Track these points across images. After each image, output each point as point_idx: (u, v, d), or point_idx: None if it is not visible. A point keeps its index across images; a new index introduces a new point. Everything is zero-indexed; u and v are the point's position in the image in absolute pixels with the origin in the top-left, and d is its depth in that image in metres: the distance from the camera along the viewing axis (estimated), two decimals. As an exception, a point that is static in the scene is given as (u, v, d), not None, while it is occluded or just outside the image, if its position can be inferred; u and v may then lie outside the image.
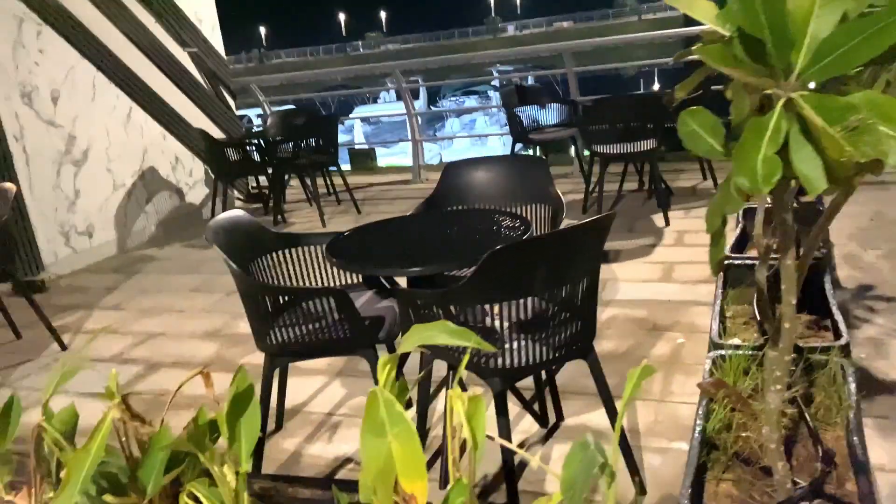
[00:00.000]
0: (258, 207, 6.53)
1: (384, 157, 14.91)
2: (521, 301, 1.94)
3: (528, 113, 5.99)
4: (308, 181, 6.13)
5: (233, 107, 6.78)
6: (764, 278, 2.28)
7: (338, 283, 2.50)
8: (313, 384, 3.00)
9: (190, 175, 6.17)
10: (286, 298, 2.23)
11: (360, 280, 2.59)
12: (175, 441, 1.19)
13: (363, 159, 11.57)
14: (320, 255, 2.51)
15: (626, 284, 3.77)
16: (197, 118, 6.22)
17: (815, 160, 0.95)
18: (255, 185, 6.88)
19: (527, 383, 2.64)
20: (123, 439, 1.19)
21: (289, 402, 2.79)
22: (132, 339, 3.72)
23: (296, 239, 2.49)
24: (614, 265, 4.08)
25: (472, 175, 2.89)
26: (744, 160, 1.00)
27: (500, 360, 1.91)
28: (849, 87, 1.03)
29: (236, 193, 6.71)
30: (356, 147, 14.15)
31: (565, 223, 2.30)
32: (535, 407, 2.57)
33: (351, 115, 18.72)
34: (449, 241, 2.35)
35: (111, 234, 5.35)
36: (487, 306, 1.99)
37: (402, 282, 2.38)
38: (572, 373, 2.80)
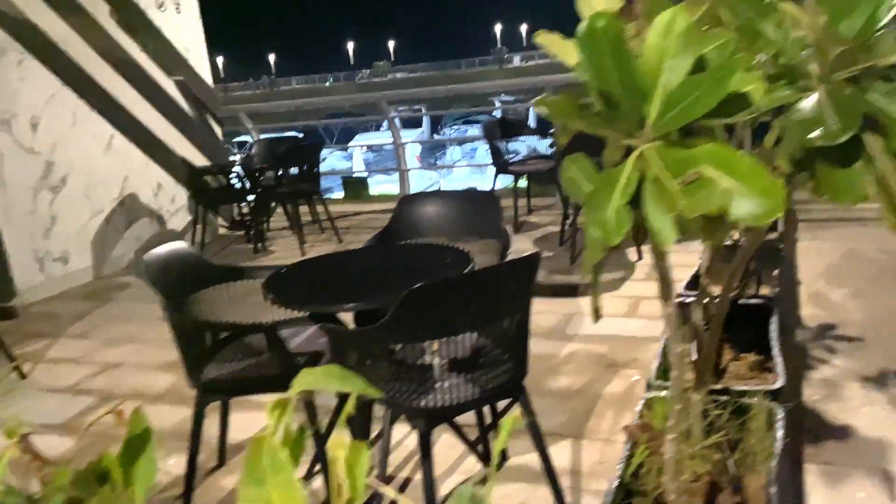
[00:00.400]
0: (241, 235, 6.53)
1: (382, 185, 14.97)
2: (447, 340, 1.91)
3: (510, 145, 6.02)
4: (295, 209, 6.14)
5: (219, 134, 6.83)
6: (700, 318, 2.25)
7: (283, 317, 2.48)
8: (264, 418, 2.96)
9: (172, 202, 6.19)
10: (216, 334, 2.21)
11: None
12: (64, 484, 1.17)
13: (356, 187, 11.62)
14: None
15: (589, 319, 3.72)
16: (181, 145, 6.26)
17: (665, 212, 0.93)
18: (241, 212, 6.89)
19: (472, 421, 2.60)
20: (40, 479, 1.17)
21: (236, 437, 2.75)
22: (92, 369, 3.69)
23: (239, 272, 2.48)
24: (581, 299, 4.05)
25: (425, 209, 2.88)
26: (596, 211, 0.98)
27: (425, 401, 1.88)
28: (696, 139, 1.02)
29: (220, 220, 6.72)
30: (352, 175, 14.20)
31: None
32: (479, 446, 2.53)
33: (339, 144, 18.70)
34: (389, 277, 2.33)
35: (87, 260, 5.36)
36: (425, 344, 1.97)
37: (353, 316, 2.36)
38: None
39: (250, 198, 6.04)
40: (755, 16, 1.30)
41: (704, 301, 2.79)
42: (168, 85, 6.19)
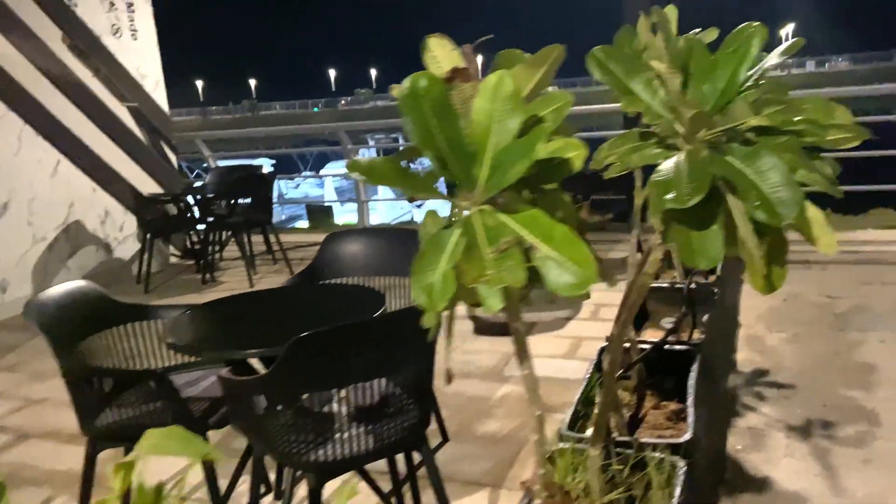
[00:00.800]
0: (192, 264, 6.42)
1: (352, 214, 14.84)
2: (350, 389, 1.85)
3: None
4: (244, 239, 6.06)
5: (173, 161, 6.74)
6: (609, 366, 2.21)
7: (182, 361, 2.39)
8: (177, 463, 2.86)
9: (120, 230, 6.08)
10: (104, 380, 2.12)
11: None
12: None
13: (321, 216, 11.55)
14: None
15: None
16: (133, 172, 6.17)
17: (471, 281, 0.89)
18: (192, 241, 6.78)
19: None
20: None
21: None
22: (14, 405, 3.56)
23: (145, 311, 2.40)
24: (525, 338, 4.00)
25: (350, 246, 2.84)
26: (422, 275, 0.94)
27: (314, 455, 1.81)
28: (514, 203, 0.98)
29: (172, 249, 6.62)
30: (322, 203, 14.11)
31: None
32: (393, 498, 2.44)
33: (305, 173, 18.52)
34: (295, 320, 2.26)
35: (27, 289, 5.21)
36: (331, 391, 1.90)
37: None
38: (446, 458, 2.70)
39: (200, 227, 5.95)
40: (624, 73, 1.29)
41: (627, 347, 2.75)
42: (120, 111, 6.11)
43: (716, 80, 1.21)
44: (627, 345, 2.70)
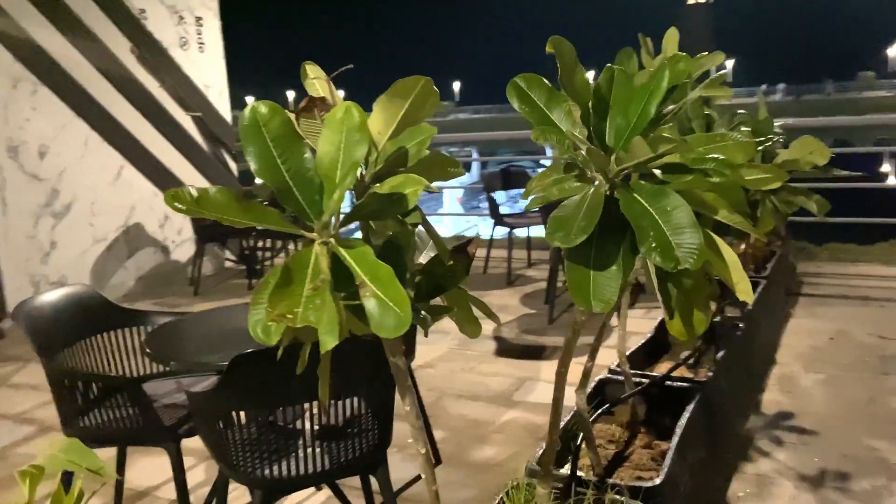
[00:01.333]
0: (243, 269, 6.61)
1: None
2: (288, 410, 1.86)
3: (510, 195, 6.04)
4: (289, 247, 6.21)
5: (234, 170, 6.98)
6: (584, 405, 2.12)
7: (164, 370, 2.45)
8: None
9: (179, 233, 6.33)
10: (83, 384, 2.19)
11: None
12: None
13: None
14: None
15: (543, 385, 3.59)
16: (194, 179, 6.43)
17: (273, 318, 0.87)
18: (246, 247, 6.99)
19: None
20: None
21: (141, 485, 2.74)
22: (46, 398, 3.70)
23: (141, 317, 2.47)
24: (543, 362, 3.92)
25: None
26: (258, 308, 0.92)
27: (261, 471, 1.82)
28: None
29: (228, 254, 6.84)
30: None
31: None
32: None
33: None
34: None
35: (82, 286, 5.49)
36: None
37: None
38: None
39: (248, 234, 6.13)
40: (546, 103, 1.24)
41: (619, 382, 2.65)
42: (184, 118, 6.38)
43: (629, 113, 1.15)
44: (621, 378, 2.59)
